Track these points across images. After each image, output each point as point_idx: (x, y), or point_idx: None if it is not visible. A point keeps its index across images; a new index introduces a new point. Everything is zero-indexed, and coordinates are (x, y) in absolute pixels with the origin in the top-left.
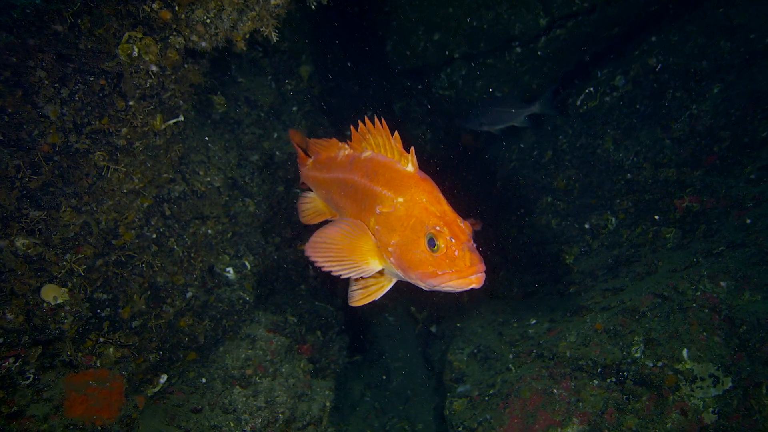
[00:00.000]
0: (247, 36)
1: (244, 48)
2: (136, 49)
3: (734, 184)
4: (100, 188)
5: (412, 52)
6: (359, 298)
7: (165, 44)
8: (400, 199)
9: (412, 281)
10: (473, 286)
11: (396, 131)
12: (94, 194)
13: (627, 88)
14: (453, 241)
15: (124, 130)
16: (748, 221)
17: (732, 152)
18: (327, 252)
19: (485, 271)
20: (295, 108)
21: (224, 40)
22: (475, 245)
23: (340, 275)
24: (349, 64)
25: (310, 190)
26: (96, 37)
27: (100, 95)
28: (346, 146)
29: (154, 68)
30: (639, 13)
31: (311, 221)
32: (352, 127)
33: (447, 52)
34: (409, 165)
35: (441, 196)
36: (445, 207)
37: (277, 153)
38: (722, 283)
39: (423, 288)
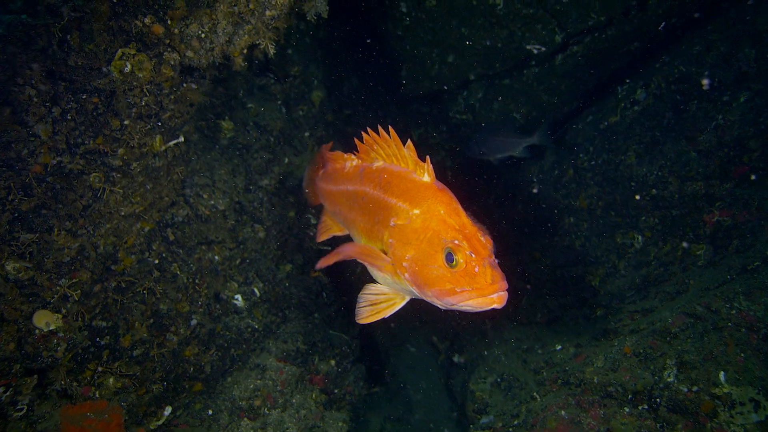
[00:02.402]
0: (245, 51)
1: (243, 64)
2: (129, 66)
3: (767, 195)
4: (96, 211)
5: (427, 76)
6: (366, 315)
7: (159, 60)
8: (416, 211)
9: (428, 299)
10: (495, 305)
11: (409, 140)
12: (90, 217)
13: (648, 101)
14: (473, 256)
15: (120, 151)
16: None
17: (763, 162)
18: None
19: (508, 290)
20: (307, 134)
21: (221, 56)
22: (497, 261)
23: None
24: (365, 92)
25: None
26: (86, 53)
27: (94, 114)
28: (353, 157)
29: (149, 86)
30: (658, 25)
31: (319, 238)
32: (356, 140)
33: (462, 75)
34: (426, 175)
35: (460, 207)
36: (465, 219)
37: (288, 178)
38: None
39: (439, 307)
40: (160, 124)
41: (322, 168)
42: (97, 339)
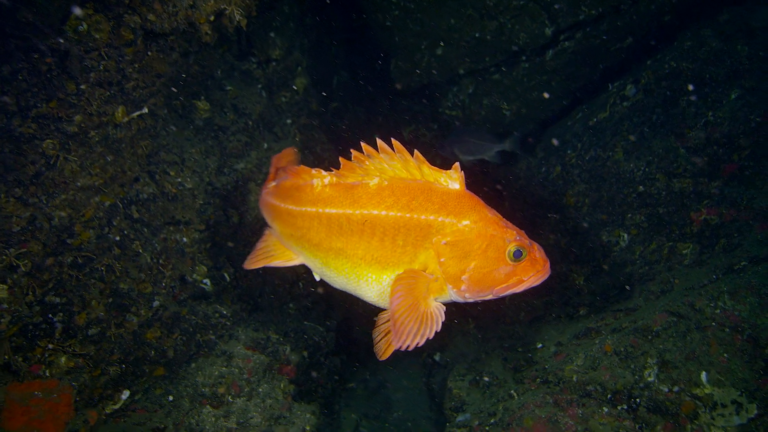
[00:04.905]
0: (212, 18)
1: (210, 32)
2: (85, 25)
3: (756, 194)
4: (50, 180)
5: (416, 69)
6: (385, 347)
7: (118, 22)
8: (466, 222)
9: (481, 299)
10: (547, 276)
11: (416, 150)
12: (43, 186)
13: (638, 97)
14: (530, 244)
15: (77, 117)
16: None
17: (753, 161)
18: (407, 323)
19: None
20: (289, 121)
21: (185, 21)
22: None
23: (425, 338)
24: (354, 85)
25: None
26: (38, 8)
27: (48, 76)
28: (324, 173)
29: (107, 49)
30: (651, 23)
31: (251, 266)
32: (341, 158)
33: (452, 68)
34: (456, 183)
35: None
36: (500, 216)
37: (267, 164)
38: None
39: (486, 300)
40: (122, 93)
41: (273, 179)
42: (50, 315)
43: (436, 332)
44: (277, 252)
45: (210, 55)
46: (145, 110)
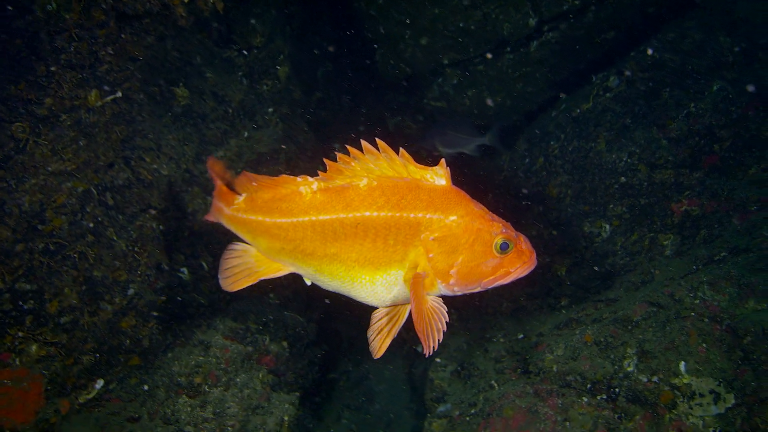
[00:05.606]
0: (186, 0)
1: (184, 15)
2: (54, 4)
3: (736, 185)
4: (19, 164)
5: (401, 59)
6: (380, 345)
7: (89, 2)
8: (453, 218)
9: (470, 292)
10: (534, 266)
11: (401, 148)
12: (12, 170)
13: (621, 88)
14: (516, 237)
15: (47, 100)
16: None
17: (733, 152)
18: (422, 329)
19: None
20: (271, 109)
21: (159, 3)
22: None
23: (441, 332)
24: (338, 75)
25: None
26: None
27: (16, 57)
28: (310, 179)
29: (78, 30)
30: (636, 15)
31: (236, 286)
32: (325, 159)
33: (436, 59)
34: (442, 179)
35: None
36: (486, 209)
37: (247, 152)
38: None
39: (474, 292)
40: (95, 76)
41: (234, 193)
42: (20, 303)
43: (447, 322)
44: (263, 266)
45: (188, 41)
46: (119, 94)
